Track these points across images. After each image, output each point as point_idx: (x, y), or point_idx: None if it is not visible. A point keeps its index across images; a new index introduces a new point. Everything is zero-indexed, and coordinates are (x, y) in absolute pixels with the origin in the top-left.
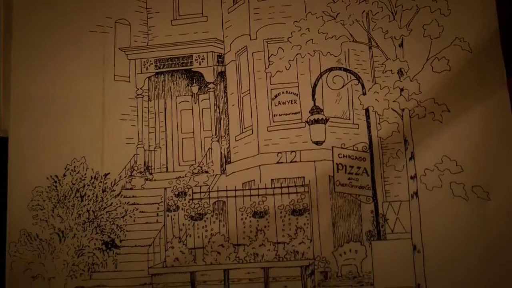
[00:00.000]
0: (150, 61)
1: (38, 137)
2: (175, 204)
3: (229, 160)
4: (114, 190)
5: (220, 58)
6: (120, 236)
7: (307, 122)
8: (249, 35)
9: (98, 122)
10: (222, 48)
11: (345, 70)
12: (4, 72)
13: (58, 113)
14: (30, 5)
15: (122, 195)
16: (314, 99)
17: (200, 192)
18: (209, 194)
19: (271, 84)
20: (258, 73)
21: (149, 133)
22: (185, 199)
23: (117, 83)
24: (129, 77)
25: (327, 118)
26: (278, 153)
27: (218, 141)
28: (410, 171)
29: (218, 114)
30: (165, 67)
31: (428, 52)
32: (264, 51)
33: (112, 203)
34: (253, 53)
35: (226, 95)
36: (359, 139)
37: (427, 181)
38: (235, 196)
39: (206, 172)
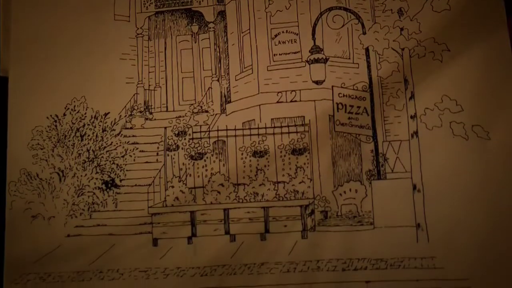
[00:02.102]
0: (150, 0)
1: (38, 77)
2: (175, 144)
3: (229, 99)
4: (114, 130)
5: None
6: (120, 176)
7: (307, 61)
8: None
9: (98, 62)
10: None
11: (345, 9)
12: (4, 12)
13: (58, 52)
14: None
15: (122, 134)
16: (314, 39)
17: (200, 132)
18: (209, 134)
19: (271, 24)
20: (258, 13)
21: (149, 72)
22: (185, 139)
23: (117, 22)
24: (129, 16)
25: (327, 57)
26: (278, 92)
27: (218, 80)
28: (410, 110)
29: (218, 54)
30: (165, 6)
31: None
32: None
33: (112, 142)
34: None
35: (226, 35)
36: (359, 78)
37: (427, 120)
38: (235, 136)
39: (206, 111)
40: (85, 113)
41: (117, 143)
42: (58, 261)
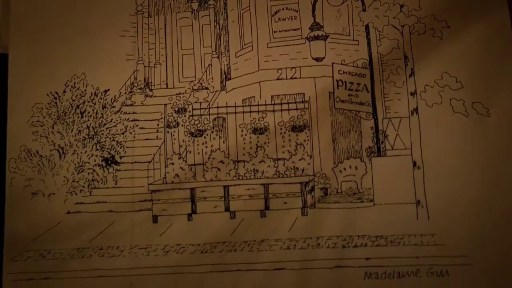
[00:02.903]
0: None
1: (38, 54)
2: (175, 121)
3: (229, 76)
4: (114, 107)
5: None
6: (120, 153)
7: (307, 38)
8: None
9: (98, 39)
10: None
11: None
12: None
13: (58, 29)
14: None
15: (122, 111)
16: (314, 16)
17: (200, 109)
18: (209, 111)
19: (271, 1)
20: None
21: (149, 49)
22: (185, 116)
23: None
24: None
25: (327, 34)
26: (278, 69)
27: (218, 57)
28: (410, 87)
29: (218, 31)
30: None
31: None
32: None
33: (112, 119)
34: None
35: (226, 12)
36: (359, 55)
37: (427, 97)
38: (235, 113)
39: (206, 88)
40: (85, 90)
41: (117, 120)
42: (58, 238)
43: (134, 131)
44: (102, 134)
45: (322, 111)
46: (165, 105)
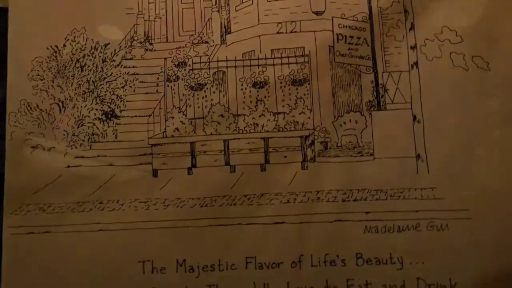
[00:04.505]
0: None
1: (38, 7)
2: (175, 74)
3: (229, 30)
4: (114, 61)
5: None
6: (120, 107)
7: None
8: None
9: None
10: None
11: None
12: None
13: None
14: None
15: (122, 65)
16: None
17: (200, 63)
18: (209, 65)
19: None
20: None
21: (149, 3)
22: (185, 69)
23: None
24: None
25: None
26: (278, 23)
27: (218, 11)
28: (410, 41)
29: None
30: None
31: None
32: None
33: (112, 73)
34: None
35: None
36: (359, 9)
37: (427, 51)
38: (235, 67)
39: (206, 42)
40: (85, 44)
41: (117, 74)
42: (58, 192)
43: (134, 85)
44: (102, 88)
45: (322, 65)
46: (165, 59)
